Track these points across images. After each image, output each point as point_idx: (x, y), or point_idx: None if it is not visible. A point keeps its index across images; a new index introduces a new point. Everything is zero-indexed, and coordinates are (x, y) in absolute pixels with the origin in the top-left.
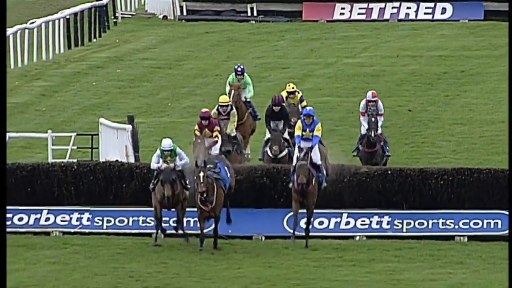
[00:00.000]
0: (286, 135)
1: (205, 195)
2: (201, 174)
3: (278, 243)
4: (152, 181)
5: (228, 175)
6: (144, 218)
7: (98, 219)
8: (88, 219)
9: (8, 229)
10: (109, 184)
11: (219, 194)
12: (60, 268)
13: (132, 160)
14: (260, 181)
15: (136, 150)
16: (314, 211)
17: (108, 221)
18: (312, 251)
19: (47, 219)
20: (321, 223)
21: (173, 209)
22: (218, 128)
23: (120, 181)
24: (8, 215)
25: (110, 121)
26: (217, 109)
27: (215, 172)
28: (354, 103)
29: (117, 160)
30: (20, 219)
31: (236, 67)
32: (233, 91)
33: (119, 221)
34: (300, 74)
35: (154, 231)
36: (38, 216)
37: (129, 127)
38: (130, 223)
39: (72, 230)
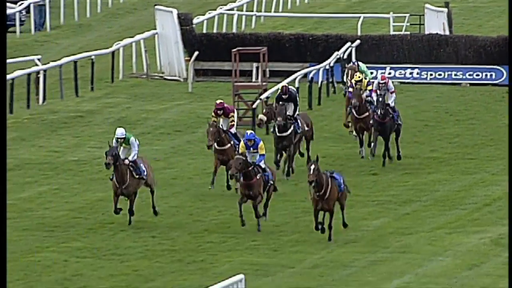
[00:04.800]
0: (295, 114)
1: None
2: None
3: None
4: None
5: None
6: (455, 73)
7: (424, 73)
8: (417, 73)
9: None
10: (431, 49)
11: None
12: None
13: (447, 33)
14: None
15: (450, 26)
16: None
17: (431, 74)
18: None
19: (389, 73)
20: None
21: (122, 196)
22: (233, 114)
23: (439, 46)
24: None
25: (432, 5)
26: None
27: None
28: None
29: (436, 33)
30: (371, 73)
31: (353, 60)
32: (350, 71)
33: (438, 74)
34: None
35: None
36: (383, 71)
37: (445, 9)
38: (446, 76)
39: (406, 81)
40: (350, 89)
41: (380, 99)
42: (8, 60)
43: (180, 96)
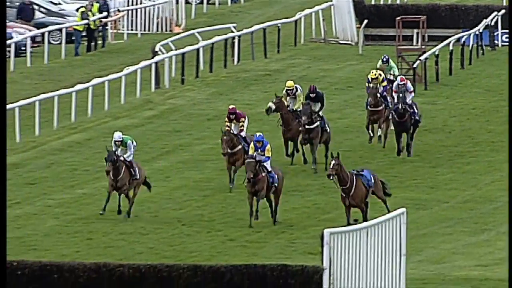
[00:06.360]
0: (321, 113)
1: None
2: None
3: None
4: None
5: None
6: None
7: None
8: None
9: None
10: None
11: None
12: None
13: None
14: None
15: None
16: None
17: None
18: None
19: None
20: None
21: (118, 191)
22: (244, 119)
23: None
24: None
25: None
26: (286, 91)
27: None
28: None
29: None
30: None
31: (382, 57)
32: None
33: None
34: None
35: None
36: None
37: None
38: None
39: None
40: (371, 85)
41: (401, 95)
42: (208, 28)
43: (352, 57)
